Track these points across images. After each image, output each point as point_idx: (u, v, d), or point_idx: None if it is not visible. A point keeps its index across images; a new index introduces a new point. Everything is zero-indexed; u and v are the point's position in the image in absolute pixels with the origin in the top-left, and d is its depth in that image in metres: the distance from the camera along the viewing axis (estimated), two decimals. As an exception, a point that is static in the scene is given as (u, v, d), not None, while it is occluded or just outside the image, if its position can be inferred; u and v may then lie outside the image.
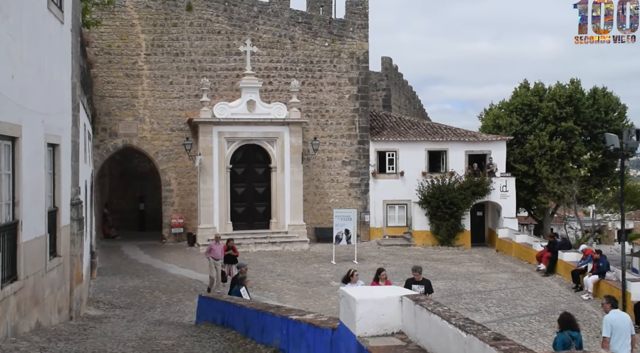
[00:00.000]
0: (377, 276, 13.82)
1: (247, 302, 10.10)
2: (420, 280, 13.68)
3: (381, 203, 32.34)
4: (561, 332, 9.54)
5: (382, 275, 13.74)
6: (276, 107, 29.32)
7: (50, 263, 12.24)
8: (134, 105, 29.73)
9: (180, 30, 30.01)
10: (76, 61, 14.48)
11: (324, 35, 31.53)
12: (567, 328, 9.54)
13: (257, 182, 29.64)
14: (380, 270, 14.03)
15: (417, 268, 14.00)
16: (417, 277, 13.73)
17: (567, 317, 9.76)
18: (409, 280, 13.81)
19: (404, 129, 33.61)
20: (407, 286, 13.04)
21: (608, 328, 10.06)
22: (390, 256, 27.32)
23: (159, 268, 23.43)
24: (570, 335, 9.43)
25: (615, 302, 10.77)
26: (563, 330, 9.54)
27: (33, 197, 10.98)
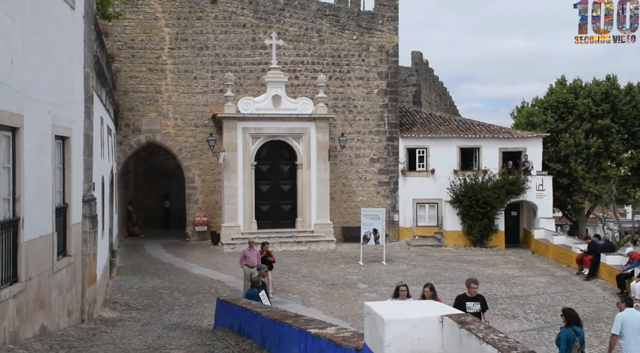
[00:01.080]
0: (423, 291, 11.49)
1: (264, 308, 9.21)
2: (474, 296, 10.92)
3: (411, 202, 31.22)
4: (566, 327, 9.68)
5: (427, 291, 11.21)
6: (302, 102, 28.41)
7: (59, 263, 11.49)
8: (158, 100, 29.10)
9: (205, 23, 29.28)
10: (89, 50, 13.74)
11: (352, 28, 30.51)
12: (573, 324, 9.66)
13: (283, 180, 28.77)
14: (425, 285, 11.67)
15: (473, 280, 11.19)
16: (472, 292, 10.93)
17: (572, 312, 9.95)
18: (460, 297, 11.09)
19: (435, 125, 32.42)
20: (459, 304, 10.66)
21: (618, 325, 10.07)
22: (421, 257, 26.21)
23: (180, 267, 22.71)
24: (575, 330, 9.58)
25: (630, 301, 10.75)
26: (568, 326, 9.66)
27: (37, 193, 10.21)
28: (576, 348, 9.58)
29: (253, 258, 17.77)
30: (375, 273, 22.30)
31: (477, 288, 11.03)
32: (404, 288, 11.57)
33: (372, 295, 18.63)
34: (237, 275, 21.21)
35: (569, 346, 9.58)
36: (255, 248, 18.41)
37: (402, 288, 11.53)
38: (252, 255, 17.90)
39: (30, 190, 9.83)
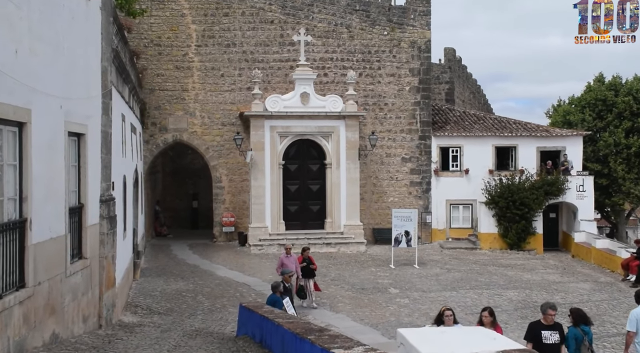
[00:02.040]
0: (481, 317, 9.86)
1: (287, 319, 8.44)
2: (552, 324, 9.19)
3: (444, 203, 30.17)
4: (574, 327, 9.66)
5: (485, 315, 9.64)
6: (331, 99, 27.60)
7: (73, 266, 10.89)
8: (184, 98, 28.61)
9: (232, 20, 28.68)
10: (107, 43, 13.14)
11: (382, 23, 29.60)
12: (581, 323, 9.68)
13: (311, 179, 28.00)
14: (484, 308, 9.99)
15: (551, 306, 9.30)
16: (549, 319, 9.15)
17: (580, 312, 9.95)
18: (534, 325, 9.40)
19: (469, 124, 31.31)
20: (533, 333, 9.20)
21: (633, 322, 9.90)
22: (455, 260, 25.18)
23: (206, 269, 22.11)
24: (583, 329, 9.60)
25: None
26: (576, 325, 9.66)
27: (48, 192, 9.61)
28: (585, 348, 9.62)
29: (291, 265, 16.24)
30: (407, 277, 21.39)
31: (555, 315, 9.29)
32: (450, 314, 9.83)
33: (404, 301, 17.74)
34: (264, 278, 20.55)
35: (578, 346, 9.61)
36: (292, 255, 16.92)
37: (448, 314, 9.81)
38: (289, 262, 16.37)
39: (40, 189, 9.22)
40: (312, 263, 17.08)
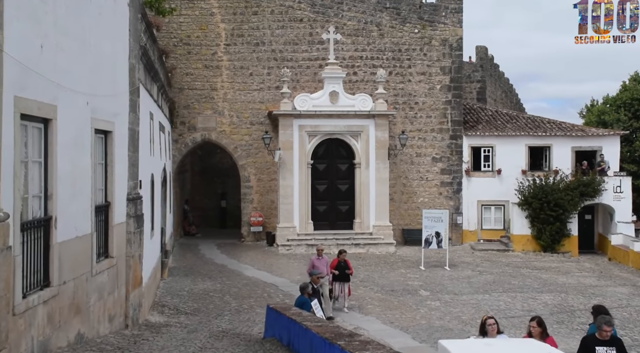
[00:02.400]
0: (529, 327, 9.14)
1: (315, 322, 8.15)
2: (608, 338, 8.34)
3: (475, 204, 29.58)
4: (594, 324, 9.18)
5: (533, 326, 8.92)
6: (361, 98, 27.24)
7: (99, 265, 10.76)
8: (213, 97, 28.53)
9: (261, 18, 28.52)
10: (135, 40, 13.01)
11: (413, 21, 29.14)
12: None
13: (340, 179, 27.67)
14: (532, 318, 9.32)
15: (607, 321, 8.47)
16: (605, 334, 8.32)
17: (601, 308, 9.81)
18: (588, 340, 8.60)
19: (501, 123, 30.65)
20: (587, 350, 8.46)
21: None
22: (486, 262, 24.63)
23: (233, 269, 21.95)
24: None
25: None
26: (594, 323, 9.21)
27: (73, 190, 9.47)
28: None
29: (322, 268, 15.61)
30: (438, 279, 20.93)
31: (609, 332, 8.41)
32: (492, 322, 9.16)
33: (435, 303, 17.31)
34: (292, 278, 20.30)
35: None
36: (324, 257, 16.33)
37: (490, 323, 9.16)
38: (321, 265, 15.76)
39: (65, 187, 9.08)
40: (347, 267, 16.32)
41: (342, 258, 16.30)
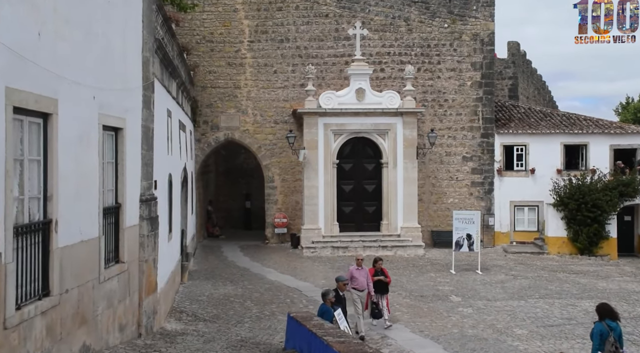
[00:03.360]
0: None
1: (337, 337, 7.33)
2: None
3: (507, 205, 28.43)
4: (599, 322, 9.59)
5: None
6: (388, 95, 26.31)
7: (108, 271, 10.08)
8: (237, 96, 27.87)
9: (286, 14, 27.77)
10: (149, 33, 12.32)
11: (443, 15, 28.11)
12: (605, 318, 9.55)
13: (367, 179, 26.77)
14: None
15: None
16: None
17: (605, 306, 9.85)
18: None
19: (535, 121, 29.43)
20: None
21: None
22: (520, 266, 23.50)
23: (256, 272, 21.22)
24: (609, 325, 9.44)
25: None
26: (601, 320, 9.57)
27: (78, 191, 8.78)
28: (610, 343, 9.43)
29: (362, 279, 14.06)
30: (470, 283, 19.92)
31: None
32: None
33: (467, 310, 16.33)
34: (316, 283, 19.50)
35: (603, 341, 9.43)
36: (364, 267, 14.43)
37: None
38: (360, 276, 14.11)
39: (68, 187, 8.39)
40: (385, 275, 14.76)
41: (379, 267, 14.77)
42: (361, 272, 14.24)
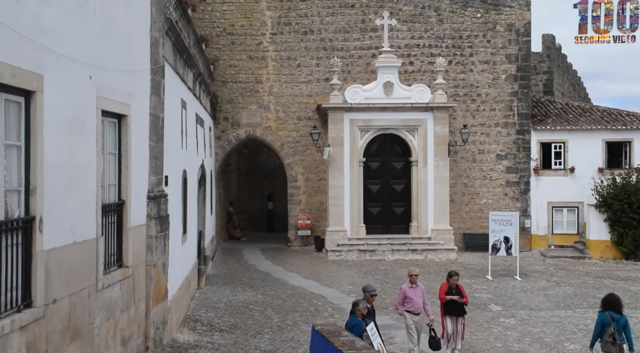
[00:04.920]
0: None
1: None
2: None
3: (545, 206, 26.74)
4: (602, 312, 9.73)
5: None
6: (418, 89, 24.83)
7: (108, 277, 8.82)
8: (258, 91, 26.60)
9: (310, 5, 26.44)
10: (159, 10, 11.06)
11: (475, 4, 26.55)
12: (608, 309, 9.66)
13: (395, 179, 25.29)
14: None
15: None
16: None
17: (610, 297, 9.96)
18: None
19: (574, 116, 27.70)
20: None
21: None
22: (561, 271, 21.85)
23: (278, 277, 19.89)
24: (612, 316, 9.56)
25: None
26: (604, 311, 9.70)
27: (69, 184, 7.50)
28: (608, 334, 9.58)
29: (417, 299, 11.59)
30: (509, 291, 18.36)
31: None
32: None
33: (510, 321, 14.81)
34: (342, 289, 18.13)
35: (603, 331, 9.66)
36: (419, 284, 11.94)
37: None
38: (415, 295, 11.60)
39: (56, 179, 7.13)
40: (462, 295, 12.05)
41: (454, 283, 12.04)
42: (416, 290, 11.71)
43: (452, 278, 12.10)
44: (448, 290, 11.96)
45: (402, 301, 11.64)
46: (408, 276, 11.98)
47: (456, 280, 12.11)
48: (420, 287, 11.91)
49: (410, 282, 11.72)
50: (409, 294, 11.60)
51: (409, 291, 11.64)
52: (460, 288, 12.17)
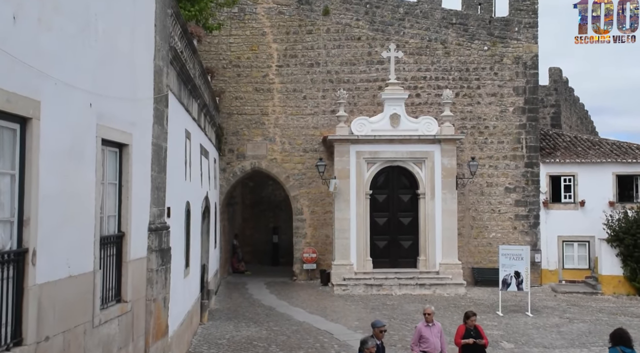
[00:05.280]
0: None
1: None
2: None
3: (555, 240, 26.23)
4: (613, 348, 9.31)
5: None
6: (425, 121, 24.61)
7: (105, 312, 8.41)
8: (264, 123, 26.44)
9: (316, 37, 26.45)
10: (163, 39, 10.89)
11: (482, 37, 26.51)
12: (619, 344, 9.26)
13: (402, 211, 24.90)
14: None
15: None
16: None
17: (619, 332, 9.50)
18: None
19: (583, 149, 27.38)
20: None
21: None
22: (574, 307, 21.26)
23: (283, 312, 19.38)
24: (624, 350, 9.16)
25: None
26: (615, 346, 9.29)
27: (65, 215, 7.17)
28: None
29: (434, 339, 11.02)
30: (521, 327, 17.80)
31: None
32: None
33: (523, 360, 14.25)
34: (349, 324, 17.60)
35: None
36: (436, 323, 11.33)
37: None
38: (432, 335, 11.03)
39: (52, 210, 6.81)
40: (480, 336, 11.22)
41: (472, 324, 11.30)
42: (432, 329, 11.09)
43: (469, 319, 11.32)
44: (465, 333, 11.21)
45: (418, 341, 11.06)
46: (423, 314, 11.42)
47: (474, 321, 11.34)
48: (438, 325, 11.35)
49: (426, 320, 11.16)
50: (425, 333, 11.03)
51: (425, 330, 11.08)
52: (479, 329, 11.40)
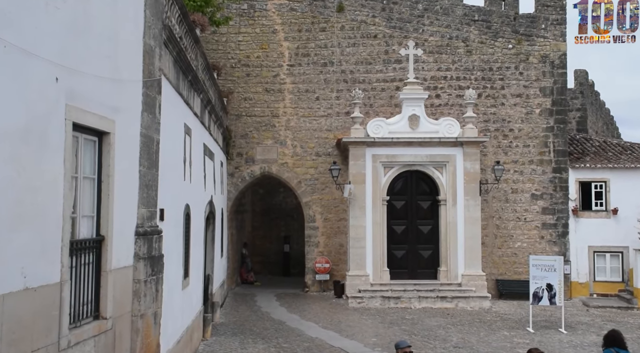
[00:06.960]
0: None
1: None
2: None
3: (586, 250, 24.53)
4: (608, 349, 8.70)
5: None
6: (446, 123, 23.07)
7: (77, 332, 6.95)
8: (274, 125, 25.02)
9: (330, 35, 25.05)
10: (154, 15, 9.49)
11: (506, 35, 24.97)
12: (612, 346, 8.68)
13: (421, 219, 23.30)
14: None
15: None
16: None
17: (613, 333, 8.91)
18: None
19: (613, 154, 25.70)
20: None
21: None
22: (610, 323, 19.47)
23: (293, 327, 17.84)
24: (618, 352, 8.56)
25: None
26: (608, 347, 8.69)
27: (19, 213, 5.71)
28: None
29: None
30: (556, 346, 16.13)
31: None
32: None
33: (563, 384, 12.60)
34: (365, 341, 16.04)
35: None
36: None
37: None
38: None
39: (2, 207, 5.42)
40: None
41: None
42: None
43: None
44: None
45: None
46: None
47: None
48: None
49: None
50: None
51: None
52: None
